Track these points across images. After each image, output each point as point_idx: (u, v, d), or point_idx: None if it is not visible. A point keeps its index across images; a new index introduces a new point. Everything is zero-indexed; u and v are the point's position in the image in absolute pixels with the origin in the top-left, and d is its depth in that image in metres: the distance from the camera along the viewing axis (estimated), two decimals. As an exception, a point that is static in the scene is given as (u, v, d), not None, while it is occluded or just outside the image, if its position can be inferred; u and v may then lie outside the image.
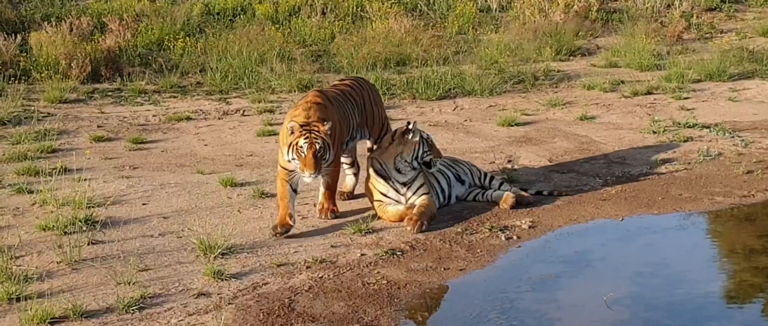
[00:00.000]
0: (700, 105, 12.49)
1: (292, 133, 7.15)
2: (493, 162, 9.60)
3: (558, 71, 14.75)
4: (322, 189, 7.77)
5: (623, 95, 13.16)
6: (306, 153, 7.09)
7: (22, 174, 8.90)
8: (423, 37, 15.69)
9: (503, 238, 7.37)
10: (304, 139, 7.09)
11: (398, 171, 7.82)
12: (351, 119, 7.89)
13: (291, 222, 7.32)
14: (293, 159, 7.18)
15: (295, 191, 7.50)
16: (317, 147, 7.09)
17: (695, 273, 6.90)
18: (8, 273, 6.23)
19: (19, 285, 6.02)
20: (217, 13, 16.91)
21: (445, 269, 6.72)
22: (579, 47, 16.49)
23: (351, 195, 8.40)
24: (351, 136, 7.98)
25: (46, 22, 14.75)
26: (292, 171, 7.32)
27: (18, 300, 5.83)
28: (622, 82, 14.00)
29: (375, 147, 8.24)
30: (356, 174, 8.50)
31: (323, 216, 7.73)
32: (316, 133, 7.12)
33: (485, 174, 8.57)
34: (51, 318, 5.60)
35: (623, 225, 7.87)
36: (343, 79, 8.65)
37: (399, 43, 15.26)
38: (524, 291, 6.43)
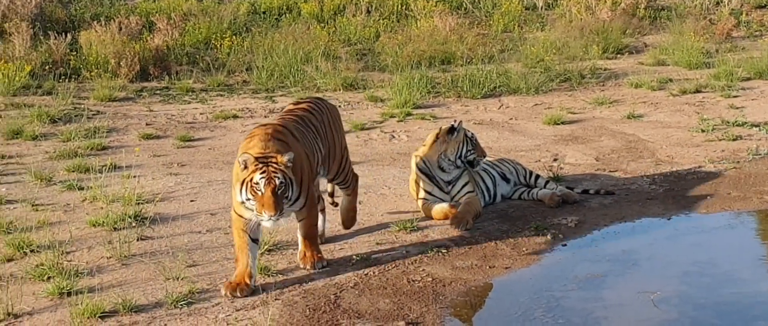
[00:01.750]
0: (750, 103, 12.32)
1: (245, 167, 5.87)
2: (539, 160, 9.55)
3: (605, 69, 14.64)
4: (300, 236, 6.56)
5: (671, 93, 13.02)
6: (263, 190, 5.81)
7: (73, 171, 9.05)
8: (468, 35, 15.66)
9: (549, 237, 7.33)
10: (261, 173, 5.81)
11: (442, 169, 7.82)
12: (317, 152, 6.66)
13: (250, 283, 6.06)
14: (248, 199, 5.88)
15: (255, 241, 6.19)
16: (277, 182, 5.80)
17: (744, 272, 6.80)
18: (59, 268, 6.34)
19: (70, 280, 6.12)
20: (263, 12, 17.04)
21: (490, 267, 6.70)
22: (626, 45, 16.36)
23: (322, 238, 7.10)
24: (316, 172, 6.71)
25: (95, 22, 14.99)
26: (250, 217, 6.06)
27: (69, 294, 5.93)
28: (671, 80, 13.86)
29: (332, 188, 7.46)
30: (323, 210, 7.20)
31: (308, 267, 6.47)
32: (275, 166, 5.83)
33: (531, 173, 8.54)
34: (101, 313, 5.69)
35: (671, 224, 7.79)
36: (298, 102, 7.11)
37: (444, 42, 15.26)
38: (570, 289, 6.39)
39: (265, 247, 6.81)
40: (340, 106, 12.29)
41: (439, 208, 7.73)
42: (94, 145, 10.02)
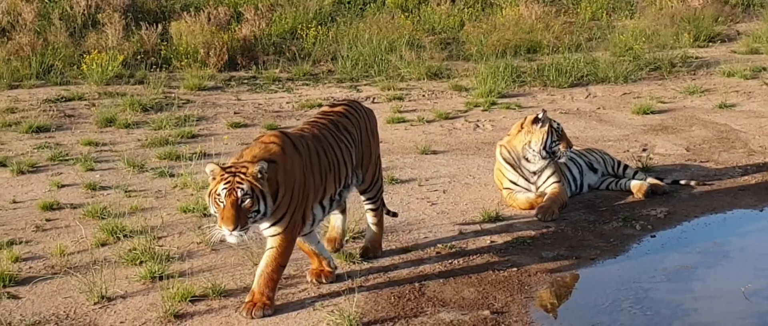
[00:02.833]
0: None
1: (213, 178, 5.39)
2: (627, 150, 9.40)
3: (696, 58, 14.30)
4: (260, 266, 5.69)
5: (765, 82, 12.65)
6: (224, 202, 5.31)
7: (164, 159, 9.26)
8: (554, 23, 15.48)
9: (637, 228, 7.21)
10: (225, 184, 5.30)
11: (527, 159, 7.76)
12: (346, 162, 6.16)
13: (331, 270, 6.05)
14: (215, 212, 5.40)
15: (343, 212, 6.29)
16: (238, 194, 5.26)
17: (842, 266, 6.59)
18: (151, 253, 6.51)
19: (161, 265, 6.28)
20: (348, 2, 17.12)
21: (576, 258, 6.63)
22: (718, 33, 15.95)
23: (340, 245, 6.59)
24: (345, 184, 6.23)
25: (185, 12, 15.28)
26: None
27: (160, 278, 6.09)
28: (764, 68, 13.47)
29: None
30: (345, 212, 6.64)
31: (244, 313, 5.60)
32: (242, 177, 5.30)
33: (619, 163, 8.41)
34: (191, 296, 5.82)
35: (763, 216, 7.60)
36: (334, 104, 6.61)
37: (529, 30, 15.12)
38: (659, 281, 6.28)
39: (350, 235, 6.86)
40: (423, 96, 12.31)
41: (525, 198, 7.68)
42: (185, 133, 10.23)
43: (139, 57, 13.66)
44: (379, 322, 5.53)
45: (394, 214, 7.07)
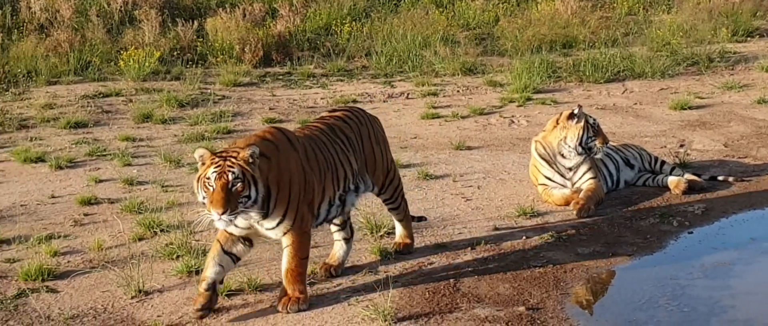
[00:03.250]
0: None
1: (203, 163, 5.29)
2: (665, 146, 9.31)
3: (734, 53, 14.14)
4: (283, 264, 5.64)
5: (805, 77, 12.47)
6: (214, 185, 5.20)
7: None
8: (590, 18, 15.38)
9: (674, 224, 7.14)
10: (215, 168, 5.20)
11: (562, 155, 7.71)
12: (343, 165, 6.01)
13: (200, 288, 5.57)
14: (204, 197, 5.26)
15: (229, 254, 5.61)
16: (229, 178, 5.16)
17: None
18: (188, 248, 6.56)
19: (197, 259, 6.32)
20: (383, -2, 17.14)
21: (612, 254, 6.58)
22: (757, 28, 15.77)
23: (338, 271, 6.22)
24: (346, 188, 6.04)
25: (220, 9, 15.40)
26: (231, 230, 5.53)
27: (197, 272, 6.12)
28: (805, 63, 13.27)
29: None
30: (348, 240, 6.32)
31: (281, 309, 5.59)
32: (233, 161, 5.21)
33: (656, 159, 8.34)
34: (228, 291, 5.85)
35: (804, 213, 7.50)
36: (334, 110, 6.61)
37: (565, 25, 15.04)
38: (696, 278, 6.21)
39: (384, 230, 6.86)
40: (458, 91, 12.29)
41: (560, 194, 7.64)
42: (220, 128, 10.29)
43: (175, 53, 13.76)
44: (413, 318, 5.52)
45: (420, 219, 7.01)
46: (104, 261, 6.41)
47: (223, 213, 5.14)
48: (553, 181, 7.72)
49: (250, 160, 5.23)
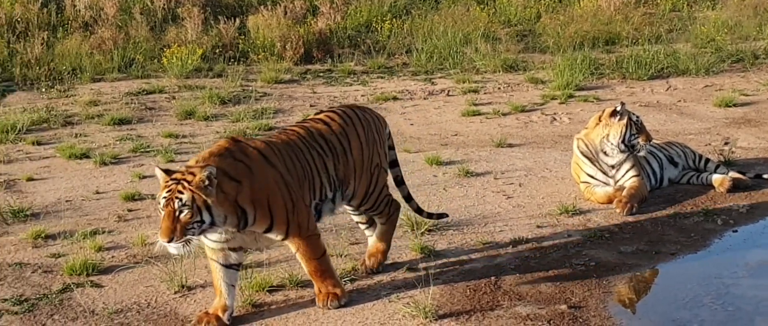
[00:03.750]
0: None
1: (160, 184, 5.12)
2: (709, 144, 9.19)
3: (780, 49, 13.91)
4: (305, 269, 5.62)
5: None
6: (162, 212, 5.01)
7: (241, 151, 9.36)
8: (634, 14, 15.24)
9: (719, 222, 7.05)
10: (166, 192, 4.99)
11: (605, 153, 7.64)
12: (320, 173, 5.67)
13: (224, 319, 5.41)
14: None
15: (229, 267, 5.44)
16: (175, 205, 4.93)
17: None
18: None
19: (239, 254, 6.36)
20: (423, -5, 17.11)
21: (656, 252, 6.51)
22: (804, 24, 15.48)
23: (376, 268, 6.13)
24: (322, 197, 5.74)
25: (262, 6, 15.46)
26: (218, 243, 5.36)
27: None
28: None
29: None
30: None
31: (320, 306, 5.60)
32: (184, 185, 4.96)
33: (700, 157, 8.23)
34: (269, 286, 5.89)
35: None
36: (320, 112, 6.14)
37: (608, 22, 14.91)
38: (741, 276, 6.14)
39: (425, 227, 6.85)
40: (499, 89, 12.23)
41: (603, 192, 7.57)
42: (262, 125, 10.34)
43: (217, 50, 13.86)
44: (454, 315, 5.51)
45: (441, 216, 6.71)
46: (148, 256, 6.48)
47: (169, 242, 4.94)
48: (596, 179, 7.66)
49: (205, 184, 4.95)
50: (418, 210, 6.56)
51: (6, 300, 5.85)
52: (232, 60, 13.53)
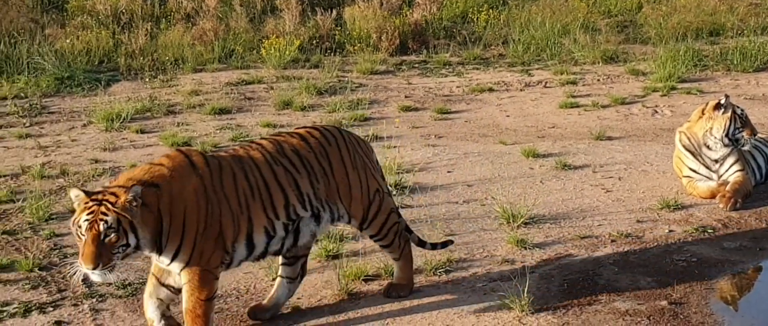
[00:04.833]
0: None
1: (77, 205, 4.61)
2: (818, 138, 8.86)
3: None
4: (183, 304, 4.97)
5: None
6: (84, 235, 4.53)
7: (338, 141, 9.44)
8: (739, 5, 14.83)
9: (829, 220, 6.81)
10: (87, 214, 4.52)
11: (708, 147, 7.44)
12: (279, 191, 5.12)
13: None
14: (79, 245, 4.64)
15: (167, 287, 5.06)
16: (100, 228, 4.49)
17: None
18: (326, 232, 6.63)
19: (336, 244, 6.43)
20: (521, -15, 16.94)
21: (760, 249, 6.32)
22: None
23: (266, 315, 5.52)
24: (293, 216, 5.20)
25: (358, -2, 15.54)
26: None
27: (335, 257, 6.23)
28: None
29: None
30: (294, 281, 5.56)
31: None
32: (108, 206, 4.52)
33: (809, 151, 7.94)
34: (365, 275, 5.93)
35: None
36: (298, 128, 5.61)
37: (712, 12, 14.54)
38: None
39: (522, 220, 6.80)
40: (598, 80, 12.03)
41: (706, 187, 7.38)
42: (357, 116, 10.41)
43: (314, 42, 14.00)
44: (551, 309, 5.45)
45: (445, 244, 6.06)
46: (246, 243, 6.57)
47: (94, 269, 4.48)
48: (699, 173, 7.47)
49: (131, 204, 4.55)
50: (421, 243, 5.93)
51: (110, 283, 6.02)
52: (329, 51, 13.65)
